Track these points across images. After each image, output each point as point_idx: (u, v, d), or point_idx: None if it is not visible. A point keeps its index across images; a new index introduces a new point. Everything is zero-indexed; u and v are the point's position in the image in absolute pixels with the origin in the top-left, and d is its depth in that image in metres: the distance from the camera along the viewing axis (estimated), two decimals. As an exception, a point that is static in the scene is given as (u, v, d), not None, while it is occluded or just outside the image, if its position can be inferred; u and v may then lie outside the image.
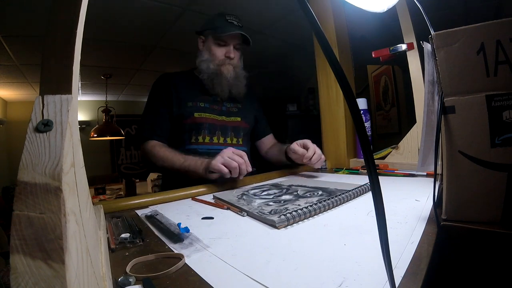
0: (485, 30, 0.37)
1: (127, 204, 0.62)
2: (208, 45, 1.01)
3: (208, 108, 1.00)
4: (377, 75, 2.53)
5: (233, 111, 1.06)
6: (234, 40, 1.00)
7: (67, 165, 0.20)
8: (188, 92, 1.00)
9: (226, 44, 0.99)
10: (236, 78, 1.02)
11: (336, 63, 0.19)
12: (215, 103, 1.02)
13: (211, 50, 1.00)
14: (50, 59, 0.23)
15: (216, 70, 0.99)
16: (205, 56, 1.01)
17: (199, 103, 1.00)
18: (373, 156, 0.19)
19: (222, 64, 0.99)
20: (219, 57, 0.99)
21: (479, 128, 0.37)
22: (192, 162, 0.83)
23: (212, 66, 0.99)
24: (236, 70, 1.02)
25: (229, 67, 1.00)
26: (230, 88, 1.01)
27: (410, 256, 0.32)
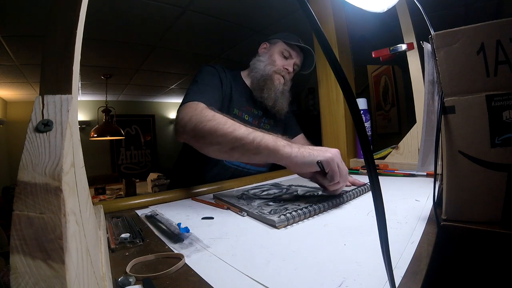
0: (485, 30, 0.37)
1: (127, 204, 0.62)
2: (271, 51, 0.99)
3: (250, 123, 0.94)
4: (377, 75, 2.53)
5: (265, 128, 1.00)
6: (297, 58, 0.99)
7: (67, 165, 0.20)
8: (238, 97, 0.94)
9: (289, 58, 0.98)
10: (282, 93, 0.98)
11: (336, 63, 0.19)
12: (256, 118, 0.99)
13: (273, 56, 0.97)
14: (50, 59, 0.23)
15: (270, 75, 0.95)
16: (265, 58, 0.98)
17: (244, 115, 0.94)
18: (373, 156, 0.19)
19: (278, 72, 0.96)
20: (278, 65, 0.96)
21: (479, 128, 0.37)
22: (269, 136, 0.59)
23: (268, 68, 0.95)
24: (284, 87, 0.98)
25: (281, 78, 0.97)
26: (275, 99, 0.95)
27: (410, 256, 0.32)
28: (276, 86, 0.95)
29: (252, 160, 0.60)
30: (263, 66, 0.96)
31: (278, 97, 0.96)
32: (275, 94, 0.95)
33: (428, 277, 0.28)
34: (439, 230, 0.39)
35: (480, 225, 0.38)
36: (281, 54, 0.97)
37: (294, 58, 0.98)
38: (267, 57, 0.98)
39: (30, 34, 1.82)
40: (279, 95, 0.96)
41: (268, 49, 1.01)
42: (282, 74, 0.97)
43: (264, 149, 0.57)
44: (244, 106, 0.95)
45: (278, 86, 0.95)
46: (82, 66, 2.40)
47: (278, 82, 0.96)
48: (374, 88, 2.58)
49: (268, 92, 0.94)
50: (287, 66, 0.97)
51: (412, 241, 0.36)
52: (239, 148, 0.59)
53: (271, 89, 0.94)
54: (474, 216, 0.39)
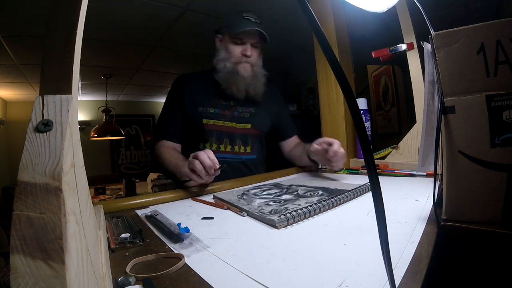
0: (485, 30, 0.37)
1: (127, 204, 0.62)
2: (225, 43, 0.98)
3: (218, 114, 0.98)
4: (377, 75, 2.53)
5: (244, 116, 1.02)
6: (251, 37, 0.96)
7: (67, 165, 0.20)
8: (202, 95, 0.99)
9: (243, 42, 0.96)
10: (254, 77, 0.98)
11: (336, 63, 0.19)
12: (227, 108, 1.00)
13: (228, 48, 0.97)
14: (50, 59, 0.23)
15: (233, 69, 0.96)
16: (222, 55, 0.98)
17: (210, 109, 0.98)
18: (373, 156, 0.19)
19: (239, 62, 0.96)
20: (236, 55, 0.96)
21: (479, 128, 0.37)
22: (175, 167, 0.82)
23: (228, 65, 0.96)
24: (254, 68, 0.98)
25: (246, 65, 0.96)
26: (247, 87, 0.97)
27: (410, 256, 0.32)
28: (243, 75, 0.96)
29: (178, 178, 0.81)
30: (223, 66, 0.97)
31: (248, 84, 0.97)
32: (244, 83, 0.96)
33: (428, 277, 0.28)
34: (439, 230, 0.39)
35: (480, 225, 0.38)
36: (235, 43, 0.96)
37: (248, 40, 0.96)
38: (223, 52, 0.98)
39: (30, 34, 1.82)
40: (250, 81, 0.97)
41: (222, 43, 1.01)
42: (245, 61, 0.96)
43: (174, 172, 0.82)
44: (208, 101, 0.99)
45: (245, 74, 0.96)
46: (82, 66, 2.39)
47: (244, 70, 0.96)
48: (374, 88, 2.58)
49: (236, 87, 0.96)
50: (244, 52, 0.96)
51: (412, 241, 0.36)
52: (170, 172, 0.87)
53: (238, 82, 0.96)
54: (474, 216, 0.39)
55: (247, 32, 0.94)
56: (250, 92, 0.98)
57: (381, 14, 0.71)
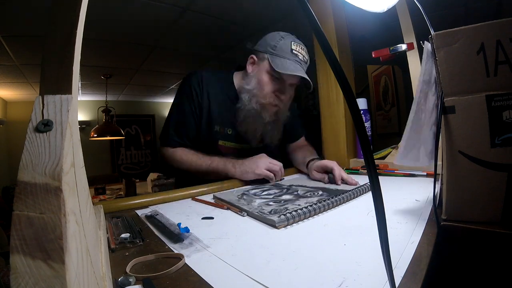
0: (485, 30, 0.37)
1: (127, 204, 0.62)
2: (259, 71, 0.83)
3: (235, 135, 0.90)
4: (377, 75, 2.54)
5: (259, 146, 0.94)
6: (293, 80, 0.82)
7: (67, 165, 0.20)
8: (220, 111, 0.88)
9: (281, 80, 0.82)
10: (274, 123, 0.88)
11: (336, 63, 0.19)
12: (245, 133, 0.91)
13: (261, 81, 0.82)
14: (50, 59, 0.23)
15: (257, 109, 0.83)
16: (252, 85, 0.84)
17: (227, 130, 0.89)
18: (373, 156, 0.19)
19: (268, 103, 0.83)
20: (268, 95, 0.82)
21: (479, 128, 0.37)
22: (220, 163, 0.81)
23: (254, 102, 0.83)
24: (279, 114, 0.87)
25: (273, 109, 0.84)
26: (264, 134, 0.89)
27: (410, 256, 0.32)
28: (264, 118, 0.84)
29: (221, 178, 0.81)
30: (249, 99, 0.84)
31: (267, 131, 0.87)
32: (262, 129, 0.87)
33: (428, 277, 0.28)
34: (439, 230, 0.39)
35: (480, 225, 0.38)
36: (271, 78, 0.82)
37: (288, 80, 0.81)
38: (254, 82, 0.83)
39: (30, 34, 1.82)
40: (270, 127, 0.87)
41: (256, 67, 0.85)
42: (275, 104, 0.83)
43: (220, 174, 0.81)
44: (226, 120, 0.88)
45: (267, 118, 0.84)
46: (82, 66, 2.39)
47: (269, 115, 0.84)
48: (374, 88, 2.58)
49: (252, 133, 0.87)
50: (278, 93, 0.83)
51: (412, 241, 0.36)
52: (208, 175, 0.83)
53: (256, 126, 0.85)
54: (474, 216, 0.39)
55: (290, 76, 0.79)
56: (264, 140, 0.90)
57: (381, 14, 0.71)
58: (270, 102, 0.83)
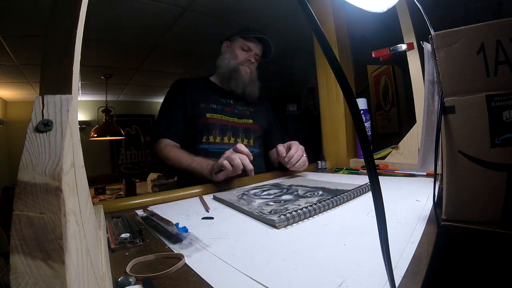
0: (485, 30, 0.37)
1: (127, 204, 0.62)
2: (232, 47, 1.09)
3: (221, 109, 1.06)
4: (377, 75, 2.54)
5: (245, 113, 1.10)
6: (257, 49, 1.09)
7: (67, 165, 0.20)
8: (202, 94, 1.06)
9: (249, 50, 1.08)
10: (251, 81, 1.08)
11: (336, 63, 0.19)
12: (228, 106, 1.08)
13: (234, 51, 1.08)
14: (50, 59, 0.23)
15: (235, 68, 1.06)
16: (227, 55, 1.09)
17: (212, 105, 1.05)
18: (373, 156, 0.19)
19: (242, 64, 1.06)
20: (241, 58, 1.07)
21: (479, 128, 0.37)
22: (198, 164, 0.85)
23: (232, 63, 1.06)
24: (251, 75, 1.09)
25: (247, 68, 1.07)
26: (244, 86, 1.07)
27: (410, 256, 0.32)
28: (243, 75, 1.06)
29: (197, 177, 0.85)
30: (227, 62, 1.07)
31: (246, 84, 1.07)
32: (242, 82, 1.06)
33: (428, 277, 0.28)
34: (439, 230, 0.39)
35: (480, 225, 0.38)
36: (241, 49, 1.08)
37: (254, 49, 1.09)
38: (229, 54, 1.09)
39: (30, 34, 1.82)
40: (248, 83, 1.07)
41: (229, 47, 1.12)
42: (246, 65, 1.08)
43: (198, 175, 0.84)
44: (209, 98, 1.06)
45: (245, 75, 1.07)
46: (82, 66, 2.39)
47: (245, 72, 1.07)
48: (374, 88, 2.58)
49: (235, 82, 1.06)
50: (249, 58, 1.08)
51: (412, 241, 0.36)
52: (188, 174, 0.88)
53: (237, 78, 1.06)
54: (474, 216, 0.39)
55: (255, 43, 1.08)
56: (247, 91, 1.08)
57: (381, 14, 0.71)
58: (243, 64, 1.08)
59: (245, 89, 1.07)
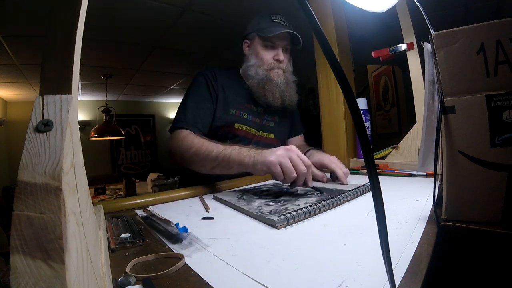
0: (485, 30, 0.37)
1: (127, 204, 0.62)
2: (254, 48, 0.94)
3: (250, 121, 0.95)
4: (377, 75, 2.54)
5: (269, 125, 0.99)
6: (283, 41, 0.93)
7: (67, 165, 0.20)
8: (234, 97, 0.93)
9: (274, 46, 0.92)
10: (287, 84, 0.94)
11: (336, 63, 0.19)
12: (258, 115, 0.96)
13: (258, 54, 0.93)
14: (50, 59, 0.23)
15: (266, 76, 0.91)
16: (252, 61, 0.94)
17: (242, 113, 0.93)
18: (373, 156, 0.19)
19: (272, 68, 0.92)
20: (268, 61, 0.92)
21: (479, 128, 0.37)
22: (234, 150, 0.69)
23: (261, 72, 0.92)
24: (286, 75, 0.95)
25: (279, 71, 0.93)
26: (282, 95, 0.92)
27: (410, 256, 0.32)
28: (277, 82, 0.91)
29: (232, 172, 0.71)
30: (255, 71, 0.93)
31: (283, 92, 0.93)
32: (279, 91, 0.92)
33: (428, 277, 0.28)
34: (439, 230, 0.39)
35: (480, 225, 0.38)
36: (265, 47, 0.93)
37: (279, 43, 0.92)
38: (253, 58, 0.94)
39: (30, 34, 1.82)
40: (284, 88, 0.93)
41: (251, 48, 0.96)
42: (277, 67, 0.93)
43: (233, 163, 0.69)
44: (241, 104, 0.93)
45: (279, 81, 0.92)
46: (82, 66, 2.39)
47: (277, 76, 0.92)
48: (374, 88, 2.58)
49: (271, 95, 0.91)
50: (276, 57, 0.92)
51: (412, 241, 0.36)
52: (217, 166, 0.71)
53: (273, 89, 0.91)
54: (474, 216, 0.39)
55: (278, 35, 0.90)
56: (285, 100, 0.94)
57: (381, 14, 0.71)
58: (273, 67, 0.92)
59: (283, 99, 0.93)
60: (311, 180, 0.62)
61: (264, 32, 0.90)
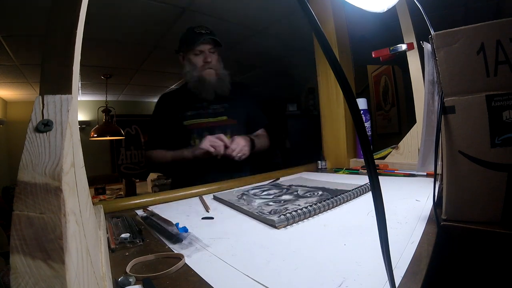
0: (485, 30, 0.37)
1: (127, 204, 0.62)
2: (187, 58, 1.12)
3: (196, 114, 1.10)
4: (377, 75, 2.53)
5: (219, 111, 1.13)
6: (207, 46, 1.10)
7: (67, 165, 0.20)
8: (179, 105, 1.11)
9: (201, 53, 1.09)
10: (219, 80, 1.10)
11: (336, 63, 0.19)
12: (203, 108, 1.12)
13: (190, 61, 1.10)
14: (50, 59, 0.23)
15: (199, 76, 1.08)
16: (187, 68, 1.11)
17: (187, 112, 1.10)
18: (373, 156, 0.19)
19: (203, 69, 1.08)
20: (199, 64, 1.09)
21: (479, 128, 0.37)
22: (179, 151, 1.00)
23: (195, 74, 1.09)
24: (217, 71, 1.11)
25: (210, 71, 1.09)
26: (214, 89, 1.09)
27: (410, 256, 0.32)
28: (209, 80, 1.08)
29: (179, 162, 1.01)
30: (190, 76, 1.10)
31: (215, 86, 1.09)
32: (211, 87, 1.09)
33: (428, 277, 0.28)
34: (439, 230, 0.39)
35: (480, 225, 0.38)
36: (195, 55, 1.10)
37: (204, 48, 1.09)
38: (188, 65, 1.11)
39: (30, 34, 1.81)
40: (216, 83, 1.09)
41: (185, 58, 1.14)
42: (208, 67, 1.09)
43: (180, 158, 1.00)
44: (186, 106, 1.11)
45: (211, 78, 1.08)
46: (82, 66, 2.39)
47: (209, 75, 1.09)
48: (374, 88, 2.58)
49: (205, 90, 1.08)
50: (206, 60, 1.09)
51: (412, 241, 0.36)
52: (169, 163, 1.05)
53: (205, 85, 1.08)
54: (474, 216, 0.39)
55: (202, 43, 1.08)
56: (218, 92, 1.10)
57: (381, 14, 0.71)
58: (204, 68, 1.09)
59: (216, 92, 1.10)
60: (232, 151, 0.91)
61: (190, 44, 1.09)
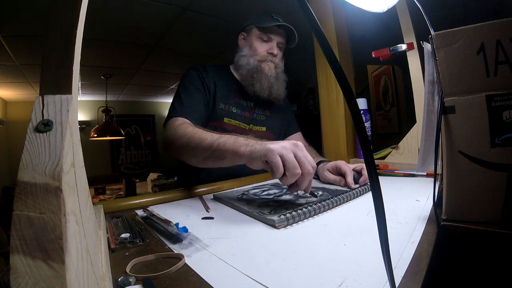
0: (485, 30, 0.37)
1: (127, 204, 0.62)
2: (250, 40, 0.95)
3: (240, 115, 0.95)
4: (377, 75, 2.53)
5: (260, 119, 0.99)
6: (278, 37, 0.94)
7: (67, 165, 0.20)
8: (223, 91, 0.93)
9: (269, 40, 0.93)
10: (277, 78, 0.94)
11: (336, 63, 0.19)
12: (247, 110, 0.96)
13: (252, 45, 0.94)
14: (50, 59, 0.23)
15: (257, 66, 0.92)
16: (245, 51, 0.95)
17: (232, 108, 0.93)
18: (373, 156, 0.19)
19: (264, 60, 0.92)
20: (261, 53, 0.93)
21: (479, 128, 0.37)
22: (230, 139, 0.59)
23: (252, 61, 0.92)
24: (277, 70, 0.95)
25: (270, 64, 0.93)
26: (270, 87, 0.92)
27: (410, 256, 0.32)
28: (267, 74, 0.92)
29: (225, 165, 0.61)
30: (246, 61, 0.93)
31: (272, 84, 0.93)
32: (268, 83, 0.92)
33: (428, 277, 0.28)
34: (439, 230, 0.39)
35: (480, 225, 0.38)
36: (261, 40, 0.94)
37: (275, 38, 0.94)
38: (247, 48, 0.95)
39: (30, 34, 1.82)
40: (273, 81, 0.93)
41: (246, 40, 0.97)
42: (270, 60, 0.93)
43: (227, 153, 0.58)
44: (231, 99, 0.93)
45: (270, 73, 0.92)
46: (82, 66, 2.39)
47: (268, 68, 0.92)
48: (374, 88, 2.58)
49: (259, 84, 0.91)
50: (270, 50, 0.93)
51: (412, 241, 0.36)
52: (210, 156, 0.62)
53: (262, 79, 0.91)
54: (474, 216, 0.39)
55: (275, 30, 0.92)
56: (273, 93, 0.93)
57: (381, 14, 0.71)
58: (266, 59, 0.93)
59: (271, 91, 0.92)
60: (310, 185, 0.54)
61: (263, 23, 0.92)
